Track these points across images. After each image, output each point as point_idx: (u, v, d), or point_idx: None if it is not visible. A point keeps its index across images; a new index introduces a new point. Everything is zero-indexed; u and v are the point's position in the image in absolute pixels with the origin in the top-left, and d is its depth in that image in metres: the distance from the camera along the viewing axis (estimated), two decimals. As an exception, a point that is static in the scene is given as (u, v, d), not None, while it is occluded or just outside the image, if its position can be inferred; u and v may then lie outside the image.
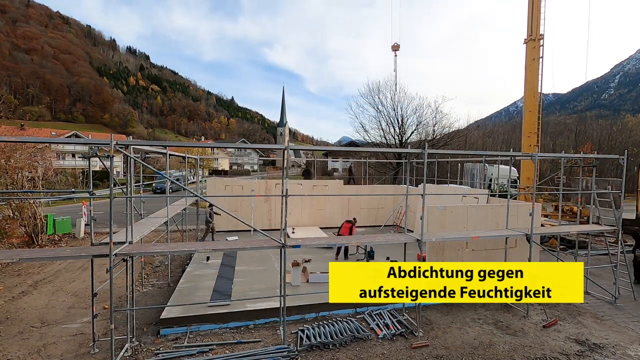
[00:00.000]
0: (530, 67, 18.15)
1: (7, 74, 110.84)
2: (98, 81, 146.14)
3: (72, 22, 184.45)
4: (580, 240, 13.17)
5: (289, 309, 7.35)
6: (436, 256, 9.15)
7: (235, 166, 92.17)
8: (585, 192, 10.97)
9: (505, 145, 53.35)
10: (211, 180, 18.72)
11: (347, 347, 6.72)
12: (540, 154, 9.02)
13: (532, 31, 17.95)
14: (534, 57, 17.96)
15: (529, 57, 18.26)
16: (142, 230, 7.60)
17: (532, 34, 17.97)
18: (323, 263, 11.07)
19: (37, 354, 6.40)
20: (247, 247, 7.65)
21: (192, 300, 8.14)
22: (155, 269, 11.68)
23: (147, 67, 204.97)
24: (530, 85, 18.28)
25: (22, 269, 11.45)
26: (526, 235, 8.47)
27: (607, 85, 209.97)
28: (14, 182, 14.12)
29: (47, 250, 9.67)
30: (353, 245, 12.49)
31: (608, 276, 10.46)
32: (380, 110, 29.69)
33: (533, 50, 18.00)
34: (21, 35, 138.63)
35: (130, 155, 6.52)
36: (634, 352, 6.77)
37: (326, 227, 17.20)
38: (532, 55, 18.07)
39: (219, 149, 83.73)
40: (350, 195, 18.11)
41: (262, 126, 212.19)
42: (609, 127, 55.84)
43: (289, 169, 6.91)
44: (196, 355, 6.31)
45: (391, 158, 29.44)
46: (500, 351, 6.71)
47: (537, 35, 17.84)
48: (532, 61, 18.03)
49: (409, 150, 9.99)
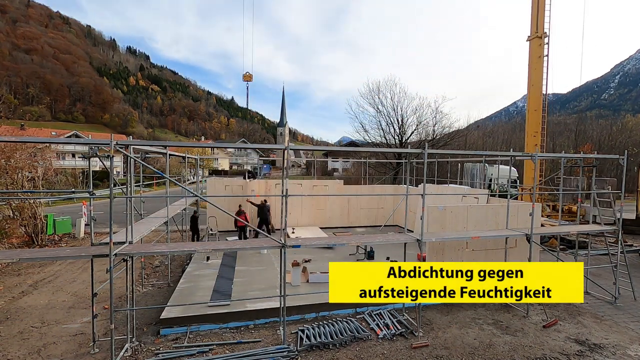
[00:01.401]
0: (536, 65, 17.66)
1: (7, 74, 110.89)
2: (98, 81, 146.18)
3: (72, 22, 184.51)
4: (580, 240, 13.17)
5: (289, 309, 7.35)
6: (436, 256, 9.15)
7: (235, 166, 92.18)
8: (585, 192, 10.97)
9: (505, 145, 53.40)
10: (211, 180, 18.72)
11: (347, 347, 6.72)
12: (540, 154, 9.02)
13: (538, 28, 17.41)
14: (539, 54, 17.46)
15: (533, 55, 17.76)
16: (142, 230, 7.61)
17: (537, 30, 17.44)
18: (323, 263, 11.07)
19: (37, 354, 6.40)
20: (247, 247, 7.66)
21: (192, 300, 8.14)
22: (155, 269, 11.68)
23: (147, 67, 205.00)
24: (534, 84, 17.85)
25: (22, 269, 11.45)
26: (526, 235, 8.47)
27: (607, 85, 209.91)
28: (14, 182, 14.12)
29: (47, 250, 9.67)
30: (353, 245, 12.49)
31: (608, 276, 10.46)
32: (380, 110, 29.69)
33: (538, 47, 17.49)
34: (21, 35, 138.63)
35: (130, 155, 6.51)
36: (634, 352, 6.77)
37: (326, 227, 17.21)
38: (536, 53, 17.57)
39: (219, 149, 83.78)
40: (350, 195, 18.11)
41: (262, 126, 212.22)
42: (609, 127, 55.89)
43: (289, 169, 6.91)
44: (196, 355, 6.31)
45: (391, 158, 29.44)
46: (500, 351, 6.71)
47: (541, 33, 17.30)
48: (537, 59, 17.56)
49: (409, 150, 9.99)
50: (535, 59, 17.70)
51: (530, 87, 18.14)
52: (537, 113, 17.84)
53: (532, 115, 18.02)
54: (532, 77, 17.95)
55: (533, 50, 17.81)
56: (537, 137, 17.79)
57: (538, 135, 17.80)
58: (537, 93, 17.83)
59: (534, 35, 17.68)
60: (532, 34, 17.83)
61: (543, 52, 17.50)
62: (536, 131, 17.87)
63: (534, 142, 17.87)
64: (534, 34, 17.66)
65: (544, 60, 17.53)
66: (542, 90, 17.77)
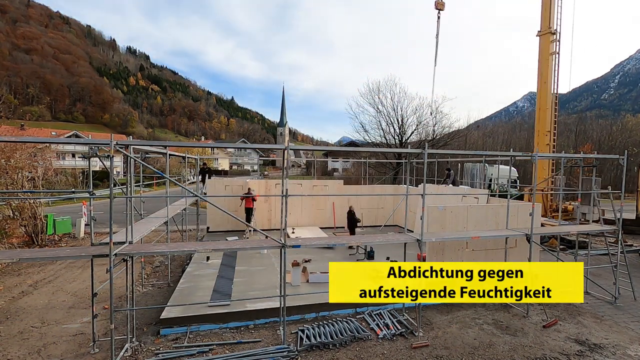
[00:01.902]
0: (546, 62, 16.93)
1: (7, 74, 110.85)
2: (98, 81, 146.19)
3: (72, 22, 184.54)
4: (580, 240, 13.16)
5: (289, 309, 7.35)
6: (436, 256, 9.15)
7: (235, 166, 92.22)
8: (585, 192, 10.96)
9: (505, 145, 53.44)
10: (211, 180, 18.72)
11: (347, 347, 6.72)
12: (540, 154, 9.02)
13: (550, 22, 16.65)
14: (550, 51, 16.74)
15: (544, 52, 17.03)
16: (142, 230, 7.60)
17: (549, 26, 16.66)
18: (323, 263, 11.07)
19: (37, 354, 6.39)
20: (247, 247, 7.66)
21: (192, 300, 8.14)
22: (155, 269, 11.68)
23: (147, 67, 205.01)
24: (544, 81, 17.12)
25: (22, 269, 11.45)
26: (526, 235, 8.47)
27: (607, 85, 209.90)
28: (14, 182, 14.13)
29: (47, 250, 9.67)
30: (353, 245, 12.51)
31: (608, 276, 10.46)
32: (380, 110, 29.70)
33: (549, 43, 16.80)
34: (21, 35, 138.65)
35: (130, 155, 6.51)
36: (634, 352, 6.77)
37: (326, 227, 17.21)
38: (547, 49, 16.85)
39: (219, 149, 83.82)
40: (350, 195, 18.10)
41: (262, 126, 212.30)
42: (609, 127, 55.96)
43: (289, 169, 6.91)
44: (196, 355, 6.31)
45: (391, 158, 29.46)
46: (500, 351, 6.71)
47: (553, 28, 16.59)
48: (548, 55, 16.84)
49: (409, 150, 10.01)
50: (546, 56, 16.94)
51: (540, 85, 17.24)
52: (548, 111, 17.17)
53: (542, 114, 17.38)
54: (543, 74, 17.16)
55: (543, 46, 17.05)
56: (549, 136, 17.18)
57: (549, 135, 17.18)
58: (547, 91, 17.05)
59: (546, 31, 16.93)
60: (543, 29, 17.08)
61: (555, 49, 16.76)
62: (548, 130, 17.22)
63: (545, 142, 17.23)
64: (548, 29, 16.85)
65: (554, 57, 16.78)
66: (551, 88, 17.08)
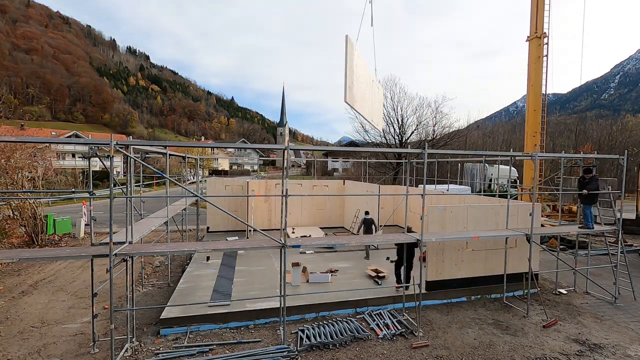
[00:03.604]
0: (535, 65, 17.71)
1: (7, 74, 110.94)
2: (98, 81, 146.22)
3: (72, 22, 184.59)
4: (581, 240, 13.16)
5: (289, 309, 7.35)
6: (436, 256, 9.15)
7: (235, 166, 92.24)
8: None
9: (505, 145, 53.33)
10: (211, 180, 18.73)
11: (347, 347, 6.72)
12: (540, 154, 9.02)
13: (537, 28, 17.43)
14: (539, 55, 17.51)
15: (533, 56, 17.81)
16: (142, 230, 7.60)
17: (536, 31, 17.48)
18: (323, 263, 11.09)
19: (37, 354, 6.40)
20: (247, 247, 7.65)
21: (192, 300, 8.14)
22: (155, 269, 11.69)
23: (147, 67, 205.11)
24: (534, 84, 17.86)
25: (22, 269, 11.45)
26: (526, 235, 8.47)
27: (607, 85, 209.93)
28: (14, 182, 14.14)
29: (47, 250, 9.66)
30: (354, 245, 12.48)
31: (608, 276, 10.46)
32: (380, 110, 29.66)
33: (537, 48, 17.54)
34: (21, 35, 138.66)
35: (130, 155, 6.51)
36: (634, 352, 6.77)
37: (326, 227, 17.21)
38: (536, 53, 17.63)
39: (219, 149, 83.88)
40: (350, 196, 18.09)
41: (262, 126, 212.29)
42: (609, 127, 55.88)
43: (289, 169, 6.91)
44: (196, 355, 6.31)
45: (391, 158, 29.47)
46: (500, 351, 6.71)
47: (541, 33, 17.34)
48: (537, 59, 17.59)
49: (409, 150, 10.00)
50: (535, 59, 17.74)
51: (529, 87, 18.17)
52: (536, 113, 17.88)
53: (532, 115, 18.05)
54: (532, 77, 17.96)
55: (533, 50, 17.85)
56: (537, 137, 17.81)
57: (538, 135, 17.82)
58: (536, 93, 17.88)
59: (533, 36, 17.71)
60: (531, 35, 17.86)
61: (542, 53, 17.54)
62: (536, 131, 17.89)
63: (533, 142, 17.86)
64: (534, 34, 17.69)
65: (543, 61, 17.58)
66: (541, 90, 17.79)
